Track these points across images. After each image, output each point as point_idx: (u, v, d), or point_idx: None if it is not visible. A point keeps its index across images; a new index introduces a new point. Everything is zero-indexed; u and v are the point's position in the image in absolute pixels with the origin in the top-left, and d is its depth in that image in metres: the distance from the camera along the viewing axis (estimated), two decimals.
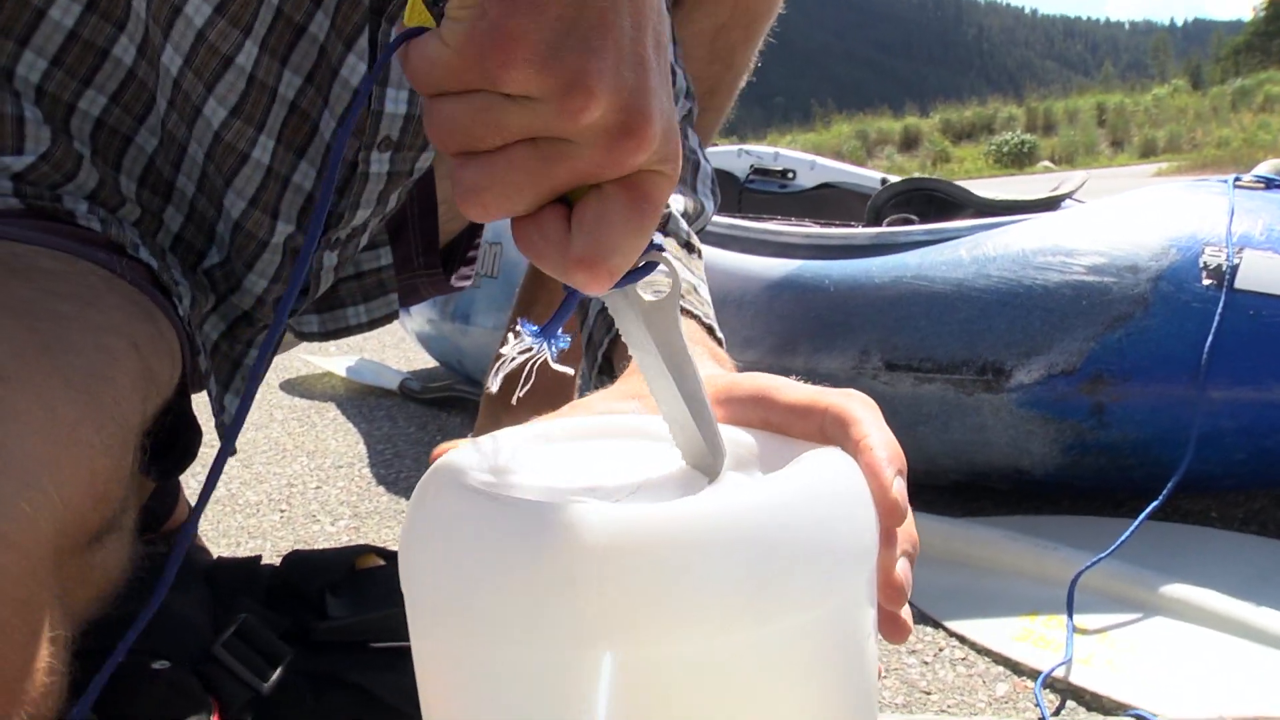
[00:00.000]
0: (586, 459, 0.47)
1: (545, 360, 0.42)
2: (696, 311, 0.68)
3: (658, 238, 0.42)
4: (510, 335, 0.42)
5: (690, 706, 0.36)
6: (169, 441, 0.68)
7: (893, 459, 0.43)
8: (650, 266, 0.42)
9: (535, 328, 0.42)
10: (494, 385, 0.42)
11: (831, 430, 0.45)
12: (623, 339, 0.46)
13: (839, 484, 0.40)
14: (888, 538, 0.43)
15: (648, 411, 0.53)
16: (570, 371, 0.44)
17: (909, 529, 0.45)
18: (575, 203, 0.37)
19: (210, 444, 0.60)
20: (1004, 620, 1.02)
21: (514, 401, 0.46)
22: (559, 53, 0.34)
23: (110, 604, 0.57)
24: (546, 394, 1.12)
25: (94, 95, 0.70)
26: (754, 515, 0.36)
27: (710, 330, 0.68)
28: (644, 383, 0.47)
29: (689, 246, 0.76)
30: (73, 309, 0.57)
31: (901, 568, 0.44)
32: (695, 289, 0.71)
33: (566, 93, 0.34)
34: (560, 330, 0.42)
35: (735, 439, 0.47)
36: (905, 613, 0.45)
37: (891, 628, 0.45)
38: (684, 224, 0.77)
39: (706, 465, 0.45)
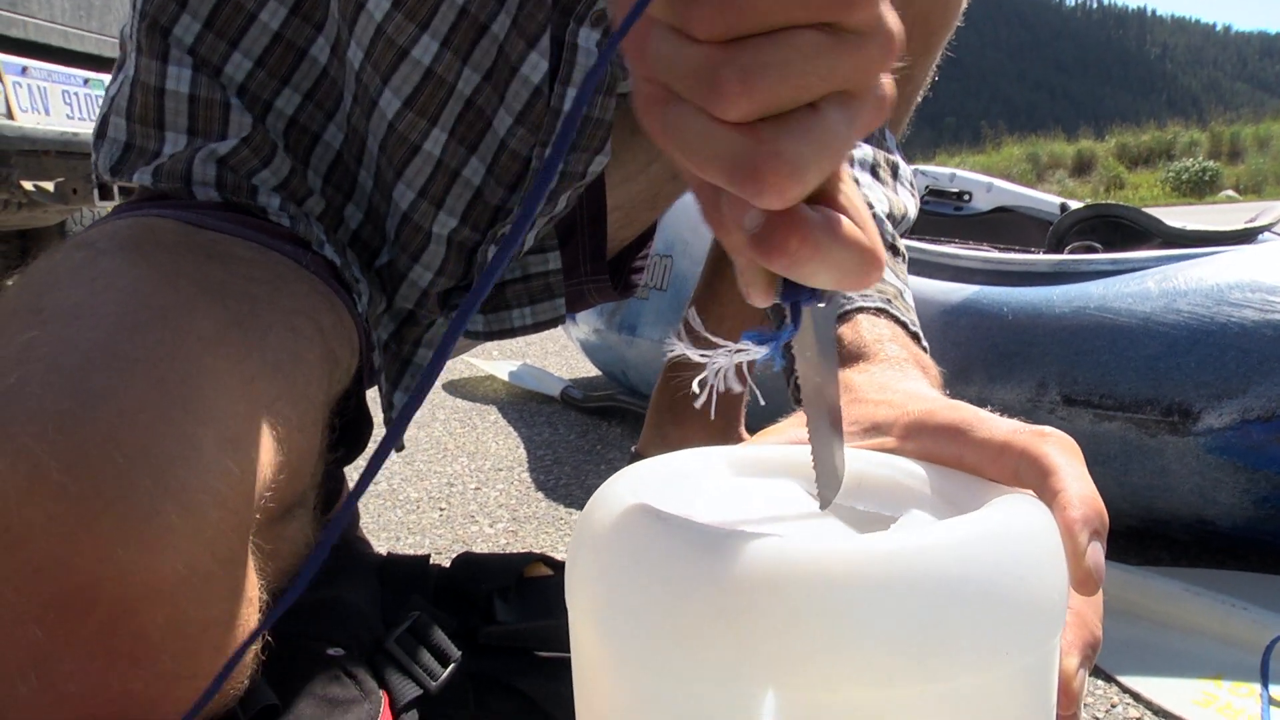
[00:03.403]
0: (764, 488, 0.46)
1: (715, 377, 0.40)
2: (903, 318, 0.65)
3: None
4: (685, 342, 0.39)
5: None
6: (343, 429, 0.70)
7: (1089, 519, 0.39)
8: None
9: (760, 334, 0.39)
10: (711, 377, 0.40)
11: (1027, 475, 0.42)
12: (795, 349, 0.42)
13: (1028, 535, 0.37)
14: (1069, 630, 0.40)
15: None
16: (739, 389, 0.42)
17: (1093, 625, 0.41)
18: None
19: (378, 438, 0.61)
20: (1184, 681, 0.96)
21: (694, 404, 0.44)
22: None
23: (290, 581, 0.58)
24: (715, 409, 1.12)
25: (290, 94, 0.74)
26: (932, 562, 0.34)
27: (916, 338, 0.65)
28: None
29: (893, 249, 0.73)
30: (264, 292, 0.60)
31: (1080, 678, 0.40)
32: (900, 294, 0.68)
33: None
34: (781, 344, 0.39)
35: (920, 475, 0.45)
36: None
37: None
38: (889, 225, 0.74)
39: (823, 490, 0.42)
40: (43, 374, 0.45)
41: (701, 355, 0.40)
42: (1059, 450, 0.42)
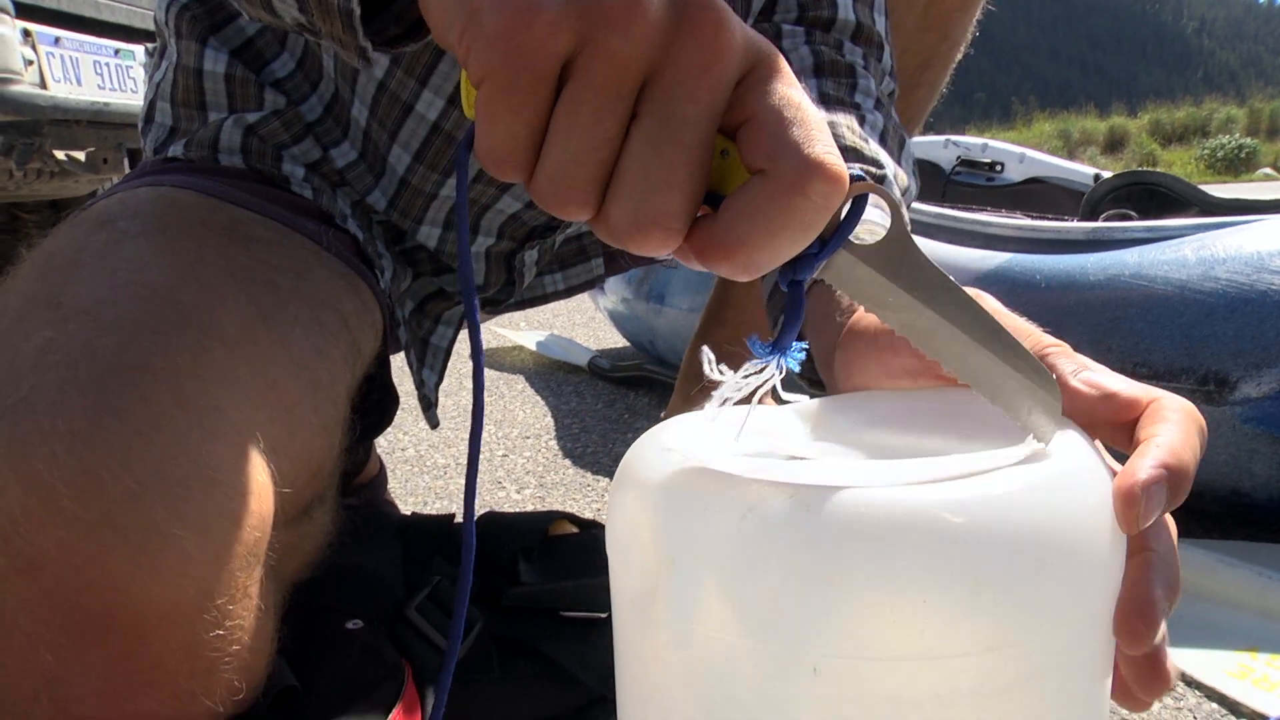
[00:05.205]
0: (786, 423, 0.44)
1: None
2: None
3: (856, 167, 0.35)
4: (707, 360, 0.37)
5: None
6: (367, 404, 0.69)
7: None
8: (857, 209, 0.34)
9: (764, 345, 0.36)
10: (712, 411, 0.38)
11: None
12: (865, 308, 0.38)
13: (1086, 470, 0.35)
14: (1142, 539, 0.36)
15: None
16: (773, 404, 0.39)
17: (1168, 533, 0.38)
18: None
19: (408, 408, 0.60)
20: (1218, 653, 0.94)
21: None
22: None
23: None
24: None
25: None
26: (987, 509, 0.32)
27: None
28: None
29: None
30: (288, 282, 0.59)
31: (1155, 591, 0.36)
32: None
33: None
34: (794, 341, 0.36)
35: (941, 397, 0.43)
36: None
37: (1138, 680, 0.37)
38: (897, 189, 0.72)
39: (1041, 424, 0.37)
40: (57, 385, 0.43)
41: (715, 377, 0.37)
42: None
